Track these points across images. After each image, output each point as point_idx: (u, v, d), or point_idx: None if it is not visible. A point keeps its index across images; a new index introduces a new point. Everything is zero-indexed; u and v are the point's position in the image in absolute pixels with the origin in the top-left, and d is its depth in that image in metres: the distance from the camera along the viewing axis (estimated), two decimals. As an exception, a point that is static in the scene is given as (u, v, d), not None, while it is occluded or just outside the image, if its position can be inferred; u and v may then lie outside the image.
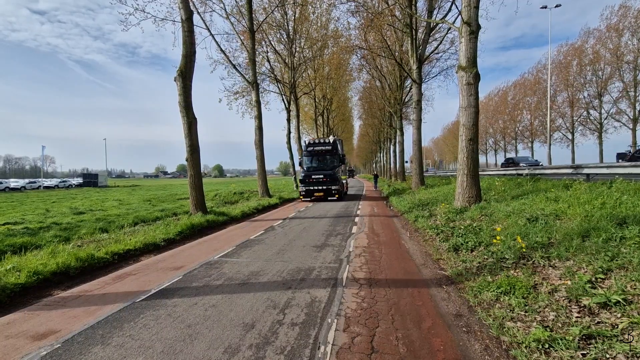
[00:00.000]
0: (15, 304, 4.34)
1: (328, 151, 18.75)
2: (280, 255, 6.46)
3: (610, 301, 3.14)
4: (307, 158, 19.06)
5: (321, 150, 18.78)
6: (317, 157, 18.94)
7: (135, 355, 2.91)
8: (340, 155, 19.40)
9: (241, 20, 18.59)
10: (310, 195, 18.11)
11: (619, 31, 30.58)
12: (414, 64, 17.37)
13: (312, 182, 17.95)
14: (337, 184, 17.94)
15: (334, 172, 18.13)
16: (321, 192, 17.89)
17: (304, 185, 18.09)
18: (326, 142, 18.86)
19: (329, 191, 17.86)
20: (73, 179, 62.06)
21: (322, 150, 18.77)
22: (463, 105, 9.16)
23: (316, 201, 17.98)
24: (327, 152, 18.78)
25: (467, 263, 5.23)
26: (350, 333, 3.24)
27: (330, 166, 18.57)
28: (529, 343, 2.83)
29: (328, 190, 17.85)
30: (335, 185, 17.83)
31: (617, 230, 4.61)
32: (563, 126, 39.61)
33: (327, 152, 18.78)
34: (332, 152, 18.72)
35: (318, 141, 18.98)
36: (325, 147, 18.77)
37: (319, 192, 17.89)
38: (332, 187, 17.81)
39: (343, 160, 19.58)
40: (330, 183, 17.84)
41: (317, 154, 18.86)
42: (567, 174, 13.08)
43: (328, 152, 18.77)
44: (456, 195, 9.63)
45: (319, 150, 18.79)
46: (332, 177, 17.93)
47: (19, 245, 7.08)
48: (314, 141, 19.05)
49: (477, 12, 8.94)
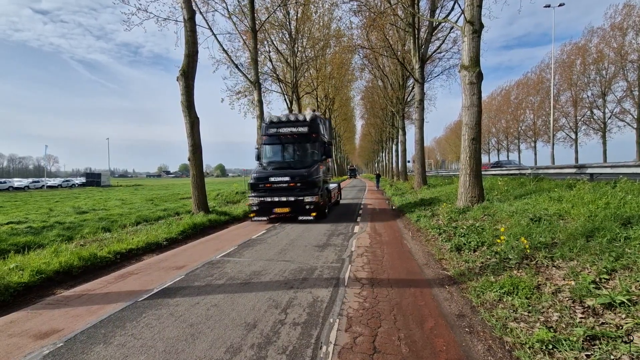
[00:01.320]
0: (18, 302, 4.36)
1: (302, 136, 11.50)
2: (282, 254, 6.46)
3: (614, 302, 3.11)
4: (268, 147, 11.96)
5: (291, 133, 11.56)
6: (283, 146, 11.91)
7: (137, 354, 2.92)
8: (324, 142, 12.07)
9: (243, 19, 18.59)
10: (266, 212, 10.65)
11: (623, 30, 30.38)
12: (417, 63, 17.32)
13: (271, 190, 10.72)
14: (315, 193, 10.55)
15: (311, 172, 10.72)
16: (286, 206, 10.54)
17: (257, 193, 10.76)
18: (299, 120, 11.58)
19: (299, 205, 10.49)
20: (76, 179, 62.38)
21: (292, 133, 11.55)
22: (466, 104, 9.12)
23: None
24: (301, 138, 11.56)
25: (469, 263, 5.20)
26: (352, 333, 3.22)
27: (304, 161, 11.49)
28: (532, 344, 2.81)
29: (298, 204, 10.49)
30: (311, 195, 10.46)
31: (622, 230, 4.57)
32: (566, 126, 39.42)
33: (300, 138, 11.56)
34: (310, 137, 11.49)
35: (286, 119, 11.71)
36: (297, 128, 11.49)
37: (282, 206, 10.55)
38: (305, 197, 10.44)
39: (329, 152, 12.13)
40: (303, 191, 10.54)
41: (284, 139, 11.74)
42: (570, 173, 13.00)
43: (302, 138, 11.55)
44: (459, 195, 9.59)
45: (286, 134, 11.60)
46: (307, 181, 10.57)
47: (22, 245, 7.12)
48: (279, 119, 11.75)
49: (479, 11, 8.90)
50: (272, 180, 10.69)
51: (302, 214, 10.52)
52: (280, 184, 10.62)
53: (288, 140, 11.74)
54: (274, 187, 10.68)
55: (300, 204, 10.47)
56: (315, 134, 11.51)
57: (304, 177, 10.54)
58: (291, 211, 10.56)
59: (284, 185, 10.60)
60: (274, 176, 10.74)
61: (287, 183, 10.59)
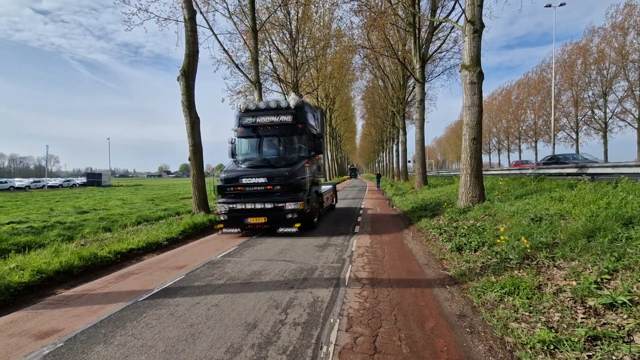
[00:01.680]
0: (18, 302, 4.37)
1: (286, 126, 9.38)
2: (282, 254, 6.45)
3: (616, 302, 3.10)
4: (244, 141, 9.88)
5: (271, 123, 9.39)
6: (262, 139, 9.79)
7: (138, 354, 2.91)
8: (313, 135, 9.95)
9: (244, 19, 18.59)
10: (237, 224, 8.46)
11: (624, 30, 30.35)
12: (417, 63, 17.30)
13: (243, 194, 8.57)
14: (299, 198, 8.44)
15: (294, 171, 8.56)
16: (261, 215, 8.36)
17: (226, 199, 8.63)
18: (281, 107, 9.39)
19: (278, 214, 8.33)
20: (77, 179, 62.46)
21: (272, 124, 9.39)
22: (466, 104, 9.11)
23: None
24: (284, 129, 9.44)
25: (470, 263, 5.19)
26: (353, 333, 3.22)
27: (287, 158, 9.41)
28: (533, 344, 2.80)
29: (277, 213, 8.33)
30: (294, 201, 8.32)
31: (623, 231, 4.56)
32: (567, 126, 39.38)
33: (283, 129, 9.44)
34: (294, 127, 9.37)
35: (265, 106, 9.55)
36: (278, 117, 9.32)
37: (257, 215, 8.37)
38: (286, 204, 8.30)
39: (319, 147, 9.95)
40: (284, 195, 8.45)
41: (263, 131, 9.59)
42: (571, 173, 12.98)
43: (286, 129, 9.44)
44: (459, 195, 9.58)
45: (266, 125, 9.44)
46: (289, 183, 8.40)
47: (23, 244, 7.13)
48: (257, 106, 9.62)
49: (480, 11, 8.88)
50: (244, 181, 8.42)
51: (283, 225, 8.27)
52: (255, 187, 8.42)
53: (268, 132, 9.56)
54: (247, 191, 8.47)
55: (279, 212, 8.26)
56: (302, 125, 9.33)
57: (285, 178, 8.29)
58: (268, 221, 8.27)
59: (260, 188, 8.41)
60: (247, 176, 8.45)
61: (264, 185, 8.39)
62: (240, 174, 8.63)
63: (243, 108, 9.57)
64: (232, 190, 8.60)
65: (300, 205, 8.33)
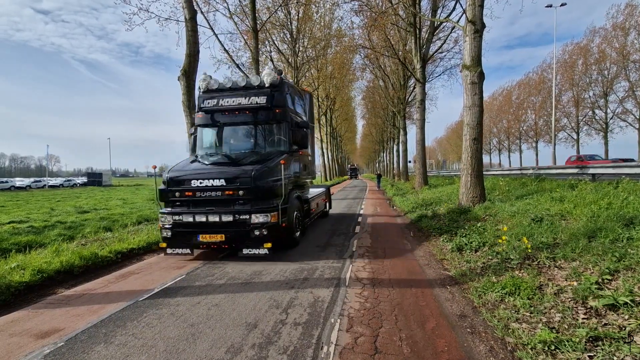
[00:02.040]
0: (19, 302, 4.37)
1: (258, 111, 7.24)
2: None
3: (617, 303, 3.10)
4: (206, 131, 7.82)
5: (239, 107, 7.27)
6: (226, 129, 7.65)
7: (138, 354, 2.91)
8: (296, 124, 7.74)
9: (245, 19, 18.60)
10: (186, 243, 6.19)
11: (625, 30, 30.34)
12: (418, 63, 17.29)
13: (194, 202, 6.28)
14: (271, 208, 6.06)
15: (262, 172, 6.12)
16: (217, 230, 6.02)
17: (170, 209, 6.35)
18: (252, 86, 7.31)
19: (240, 230, 5.97)
20: (78, 178, 62.56)
21: (241, 107, 7.26)
22: (467, 104, 9.10)
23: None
24: (257, 114, 7.27)
25: (471, 263, 5.19)
26: (354, 333, 3.21)
27: (258, 153, 7.21)
28: (534, 344, 2.80)
29: (238, 228, 5.97)
30: (263, 212, 5.96)
31: (624, 231, 4.56)
32: (568, 126, 39.40)
33: (255, 114, 7.27)
34: (270, 112, 7.22)
35: (232, 85, 7.40)
36: (248, 98, 7.19)
37: (212, 230, 6.03)
38: (251, 216, 5.93)
39: (304, 139, 7.67)
40: (249, 204, 6.07)
41: (229, 118, 7.41)
42: (572, 173, 12.98)
43: (258, 114, 7.27)
44: (460, 195, 9.57)
45: (233, 109, 7.32)
46: (255, 187, 5.98)
47: (23, 244, 7.13)
48: (222, 85, 7.46)
49: (481, 11, 8.88)
50: (194, 184, 6.08)
51: (247, 246, 5.90)
52: (210, 192, 6.05)
53: (235, 119, 7.24)
54: (199, 198, 6.11)
55: (242, 227, 5.87)
56: (280, 109, 7.06)
57: (252, 180, 5.87)
58: (228, 240, 5.91)
59: (217, 194, 6.04)
60: (199, 177, 6.09)
61: (221, 190, 6.01)
62: (189, 174, 6.24)
63: (203, 87, 7.40)
64: (178, 196, 6.21)
65: (272, 217, 5.91)
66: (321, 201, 10.76)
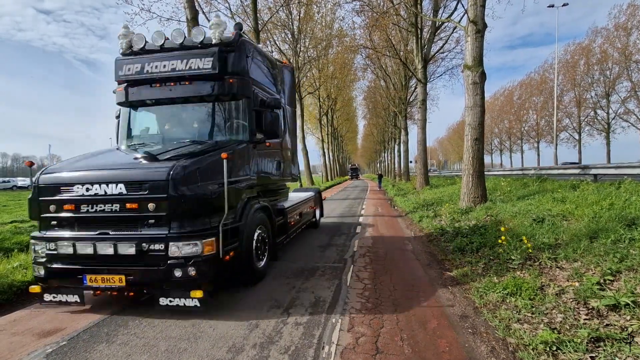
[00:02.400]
0: (21, 301, 4.38)
1: (201, 81, 4.68)
2: (283, 254, 6.44)
3: (619, 303, 3.09)
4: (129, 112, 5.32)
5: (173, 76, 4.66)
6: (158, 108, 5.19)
7: (140, 353, 2.92)
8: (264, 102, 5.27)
9: (246, 20, 18.61)
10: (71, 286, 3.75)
11: (627, 30, 30.22)
12: (419, 63, 17.28)
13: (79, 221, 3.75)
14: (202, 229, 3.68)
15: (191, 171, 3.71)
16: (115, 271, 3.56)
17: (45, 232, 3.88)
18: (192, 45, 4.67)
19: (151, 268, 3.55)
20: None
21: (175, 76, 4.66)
22: (469, 104, 9.09)
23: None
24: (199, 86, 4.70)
25: (472, 264, 5.18)
26: (355, 333, 3.22)
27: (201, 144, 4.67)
28: (536, 345, 2.79)
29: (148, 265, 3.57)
30: (190, 238, 3.56)
31: (626, 232, 4.55)
32: (570, 126, 39.30)
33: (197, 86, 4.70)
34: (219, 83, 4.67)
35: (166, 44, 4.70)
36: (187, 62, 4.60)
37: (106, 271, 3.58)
38: (169, 245, 3.50)
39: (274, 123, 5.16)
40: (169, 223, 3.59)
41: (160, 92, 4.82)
42: (574, 174, 12.94)
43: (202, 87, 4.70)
44: (461, 195, 9.56)
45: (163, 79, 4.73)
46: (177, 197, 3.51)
47: (25, 243, 7.14)
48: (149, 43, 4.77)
49: (483, 11, 8.86)
50: (78, 193, 3.72)
51: (165, 292, 3.58)
52: (102, 204, 3.67)
53: (169, 93, 4.84)
54: (85, 214, 3.73)
55: (154, 264, 3.61)
56: (235, 78, 4.78)
57: (166, 185, 3.55)
58: (131, 284, 3.62)
59: (112, 207, 3.65)
60: (86, 181, 3.72)
61: (119, 201, 3.63)
62: (71, 176, 3.85)
63: (125, 47, 4.92)
64: (53, 211, 3.85)
65: (206, 246, 3.67)
66: (308, 209, 8.49)
